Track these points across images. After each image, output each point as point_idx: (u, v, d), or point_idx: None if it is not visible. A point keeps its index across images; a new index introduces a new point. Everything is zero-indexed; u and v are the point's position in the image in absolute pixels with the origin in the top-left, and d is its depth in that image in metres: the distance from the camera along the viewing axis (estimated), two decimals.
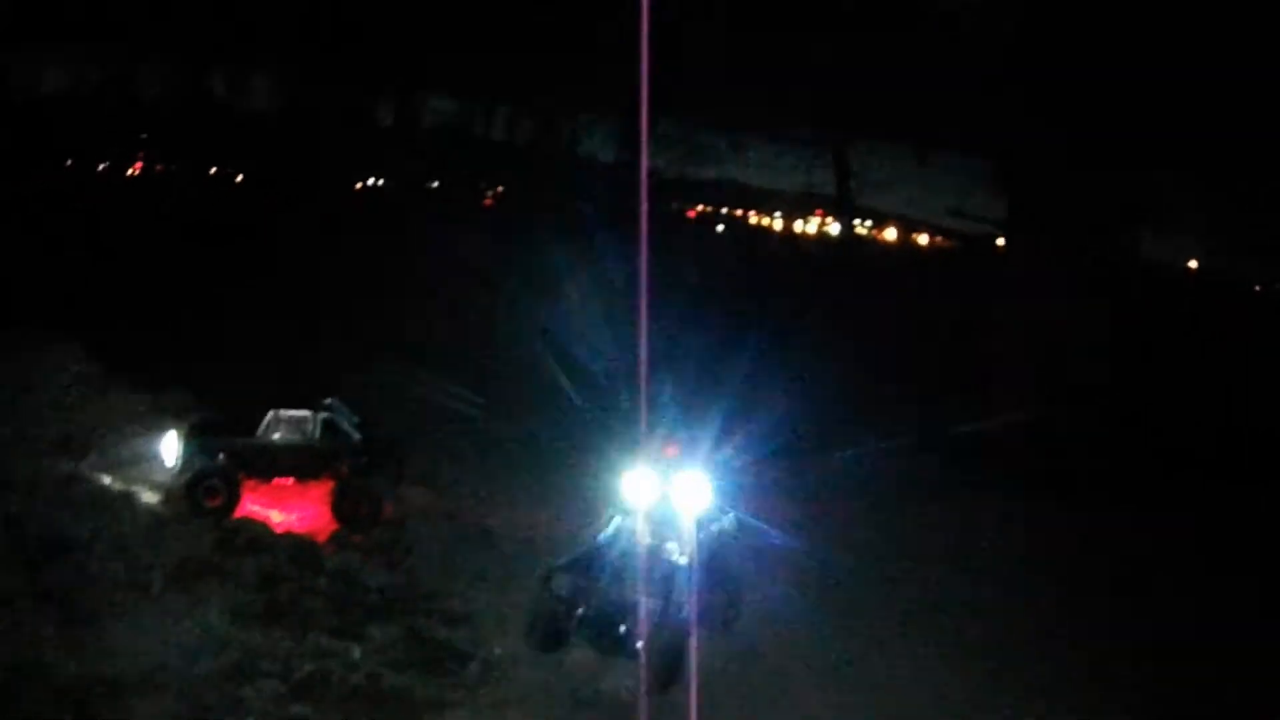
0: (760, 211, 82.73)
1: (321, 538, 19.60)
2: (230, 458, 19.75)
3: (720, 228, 76.64)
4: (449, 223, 51.96)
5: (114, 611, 15.64)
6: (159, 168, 70.42)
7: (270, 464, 20.17)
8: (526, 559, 19.30)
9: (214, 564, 17.26)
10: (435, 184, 72.99)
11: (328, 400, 20.93)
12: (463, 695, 15.58)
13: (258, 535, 18.51)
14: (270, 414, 20.27)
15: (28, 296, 28.15)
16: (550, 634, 16.52)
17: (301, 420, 20.44)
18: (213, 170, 68.47)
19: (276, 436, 20.29)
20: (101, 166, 66.84)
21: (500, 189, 71.99)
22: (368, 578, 18.27)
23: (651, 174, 59.42)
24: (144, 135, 70.75)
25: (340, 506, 20.28)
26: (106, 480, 19.25)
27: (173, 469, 19.64)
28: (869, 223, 71.22)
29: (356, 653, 15.80)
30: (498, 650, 16.95)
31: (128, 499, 18.52)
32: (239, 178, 67.45)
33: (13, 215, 38.08)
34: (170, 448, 19.68)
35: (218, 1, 57.66)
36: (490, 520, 21.44)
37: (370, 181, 70.83)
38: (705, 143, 57.98)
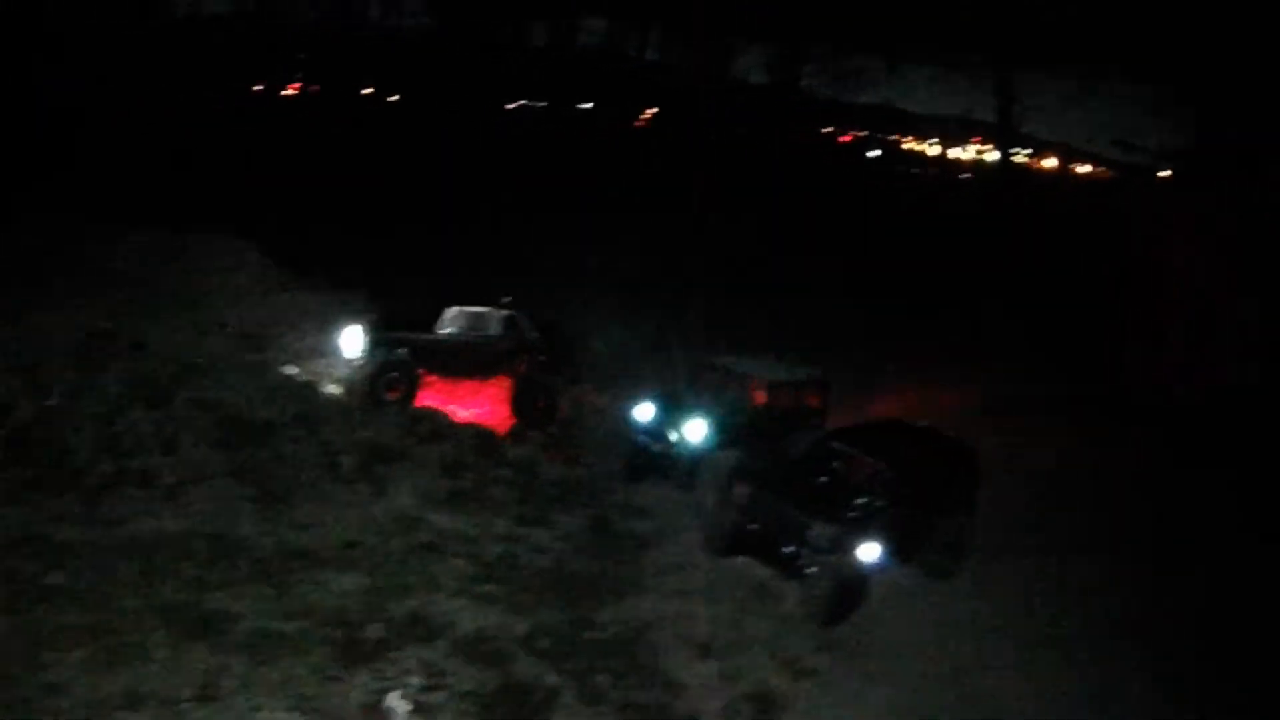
0: (916, 137, 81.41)
1: (499, 432, 20.17)
2: (411, 352, 20.37)
3: (874, 153, 75.60)
4: (601, 145, 52.18)
5: (307, 491, 16.41)
6: (314, 89, 71.87)
7: (449, 359, 20.76)
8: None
9: (401, 450, 17.97)
10: (589, 105, 73.08)
11: (506, 298, 21.39)
12: (648, 583, 15.99)
13: (441, 424, 19.18)
14: (450, 310, 20.82)
15: (209, 202, 29.18)
16: (726, 541, 16.79)
17: (481, 317, 20.96)
18: (367, 91, 69.57)
19: (456, 332, 20.85)
20: (258, 87, 68.63)
21: (653, 111, 71.86)
22: (546, 470, 18.81)
23: (805, 97, 58.87)
24: (301, 56, 72.49)
25: (518, 402, 20.84)
26: (292, 370, 20.09)
27: (353, 362, 20.34)
28: (1028, 150, 69.49)
29: (544, 538, 16.29)
30: (679, 543, 17.36)
31: (314, 387, 19.30)
32: (394, 98, 68.45)
33: (188, 129, 39.49)
34: (352, 341, 20.37)
35: None
36: None
37: (522, 103, 71.27)
38: (861, 66, 56.91)
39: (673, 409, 19.92)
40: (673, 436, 19.49)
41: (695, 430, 19.32)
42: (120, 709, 11.56)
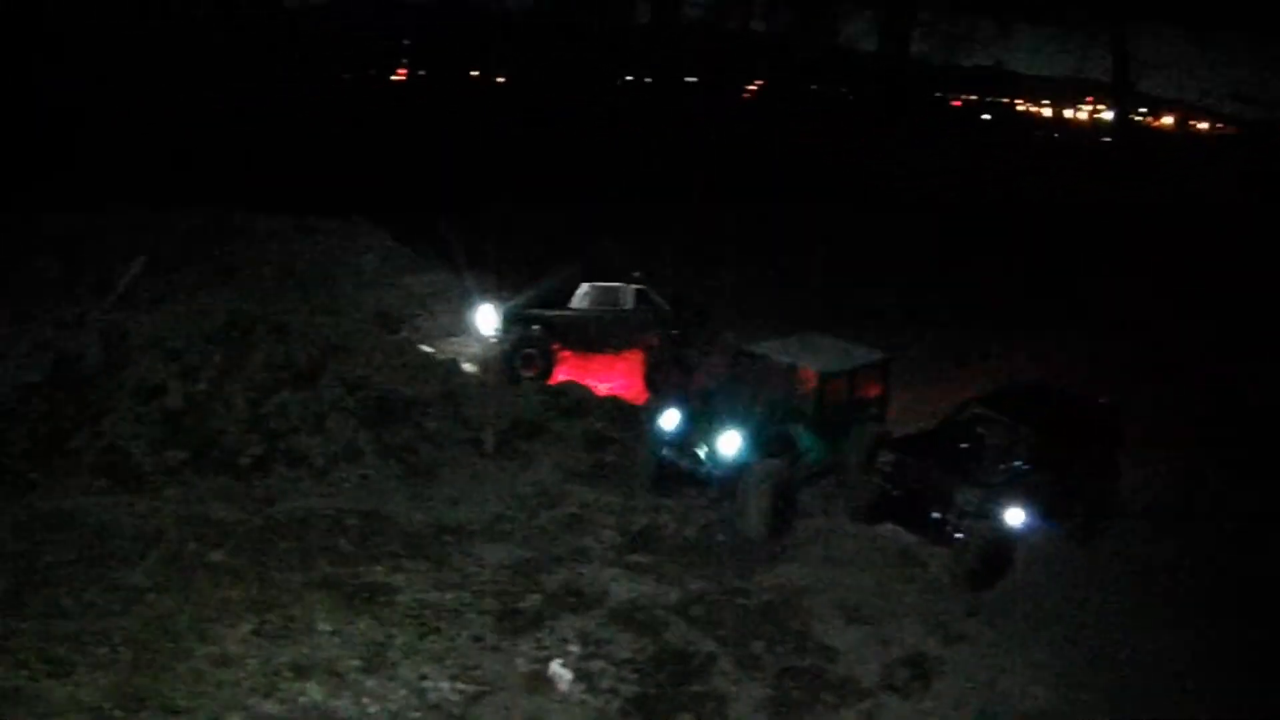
0: (1028, 99, 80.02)
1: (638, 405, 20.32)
2: (545, 328, 20.61)
3: (986, 116, 74.57)
4: (710, 117, 52.15)
5: (452, 467, 16.72)
6: (422, 73, 72.93)
7: (583, 335, 20.97)
8: None
9: (542, 425, 18.19)
10: (694, 79, 72.95)
11: (637, 273, 21.54)
12: (794, 552, 16.01)
13: (582, 399, 19.33)
14: (584, 286, 21.02)
15: (337, 188, 29.76)
16: (871, 509, 16.72)
17: (614, 292, 21.13)
18: (474, 73, 70.31)
19: (590, 308, 21.04)
20: (370, 72, 69.85)
21: (760, 82, 71.59)
22: None
23: (915, 62, 58.13)
24: (406, 41, 73.66)
25: (652, 376, 20.95)
26: (429, 349, 20.45)
27: (489, 340, 20.62)
28: (1143, 109, 67.91)
29: (687, 509, 16.40)
30: (824, 514, 17.35)
31: (454, 365, 19.60)
32: (500, 79, 69.09)
33: (311, 117, 40.37)
34: (487, 319, 20.65)
35: None
36: None
37: (630, 78, 71.40)
38: (971, 28, 56.06)
39: (703, 416, 17.20)
40: (702, 451, 16.86)
41: (729, 443, 16.57)
42: (291, 679, 11.91)
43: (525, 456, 17.36)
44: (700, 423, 17.00)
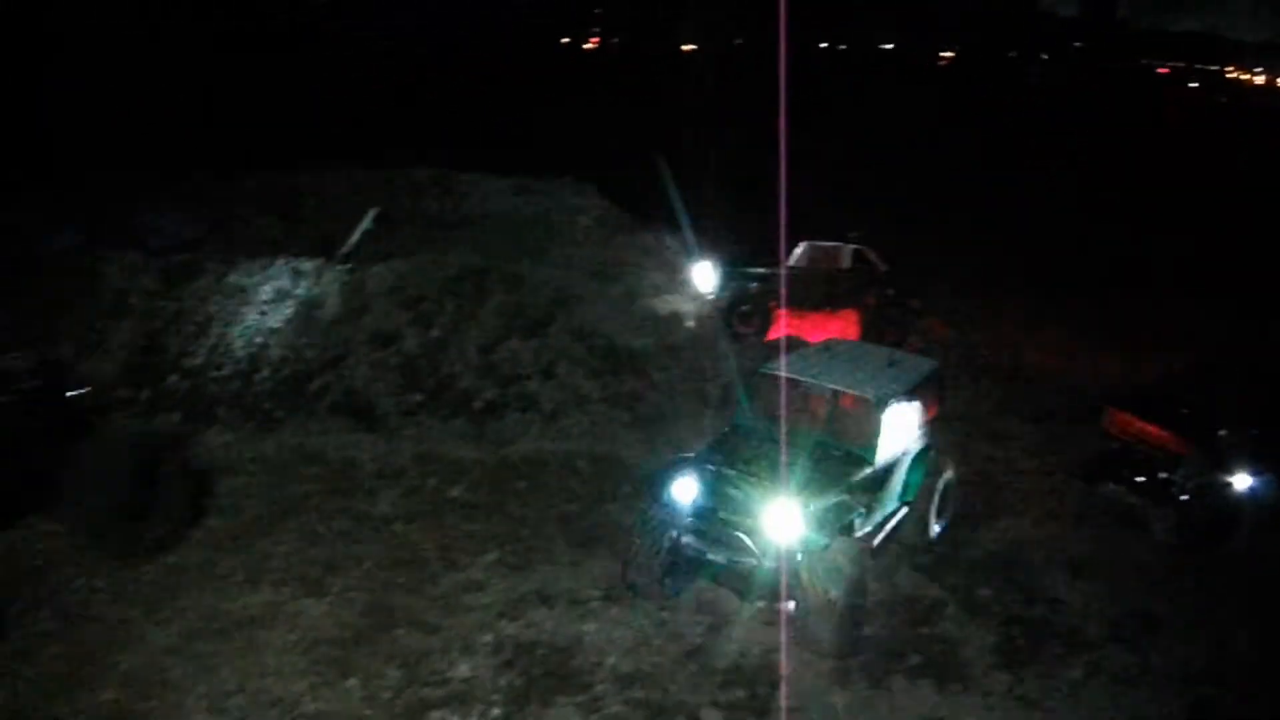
0: (1240, 66, 76.91)
1: None
2: (763, 285, 20.83)
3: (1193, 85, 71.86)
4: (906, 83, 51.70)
5: (676, 415, 17.08)
6: (614, 41, 74.22)
7: (800, 292, 21.11)
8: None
9: None
10: (890, 46, 72.41)
11: (854, 233, 21.60)
12: (1019, 506, 15.99)
13: None
14: (802, 245, 21.20)
15: (547, 147, 30.54)
16: (1092, 467, 16.53)
17: (832, 250, 21.25)
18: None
19: (807, 266, 21.20)
20: (564, 40, 71.39)
21: (954, 50, 70.62)
22: None
23: (1120, 26, 56.34)
24: (597, 10, 75.01)
25: (867, 334, 21.01)
26: (649, 303, 20.84)
27: (705, 296, 20.92)
28: None
29: None
30: (1053, 474, 17.25)
31: (676, 319, 19.96)
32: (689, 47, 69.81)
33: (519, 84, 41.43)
34: (704, 276, 20.96)
35: None
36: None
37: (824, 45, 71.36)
38: None
39: (735, 479, 12.21)
40: (742, 537, 11.75)
41: (785, 522, 11.56)
42: (535, 605, 12.46)
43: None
44: (734, 491, 12.14)
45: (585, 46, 73.98)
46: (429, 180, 26.09)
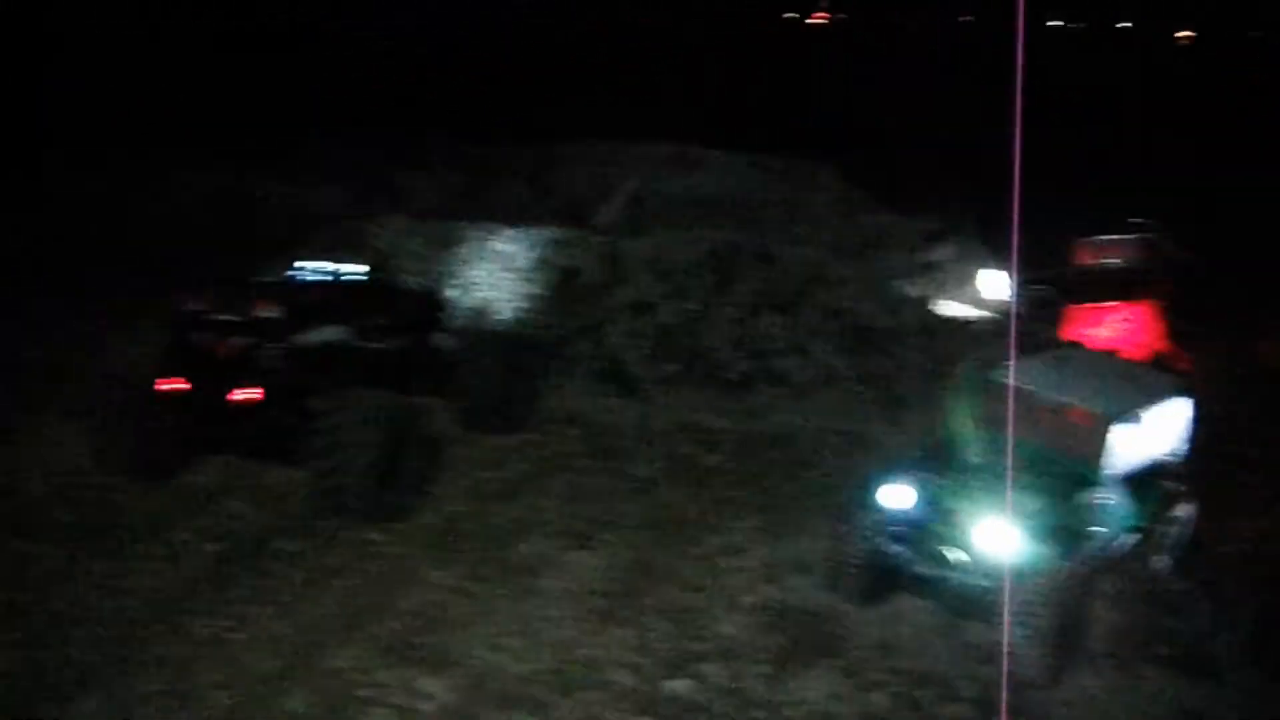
0: None
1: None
2: (1053, 286, 20.55)
3: None
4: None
5: (927, 398, 17.38)
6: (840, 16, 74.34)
7: (1093, 288, 20.60)
8: None
9: None
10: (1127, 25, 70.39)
11: (1140, 220, 21.25)
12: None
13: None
14: (1088, 241, 20.94)
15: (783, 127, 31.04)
16: None
17: (1120, 244, 20.97)
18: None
19: (1098, 263, 20.93)
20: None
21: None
22: None
23: None
24: None
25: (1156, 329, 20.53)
26: (898, 283, 21.06)
27: (989, 299, 20.76)
28: None
29: None
30: None
31: (925, 300, 20.22)
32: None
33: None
34: (993, 285, 20.80)
35: None
36: None
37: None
38: None
39: (951, 490, 11.99)
40: (951, 553, 11.70)
41: (995, 537, 11.37)
42: (794, 572, 13.04)
43: None
44: (949, 502, 11.92)
45: (810, 21, 74.11)
46: (671, 156, 26.89)
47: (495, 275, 20.18)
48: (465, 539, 13.77)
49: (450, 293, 19.53)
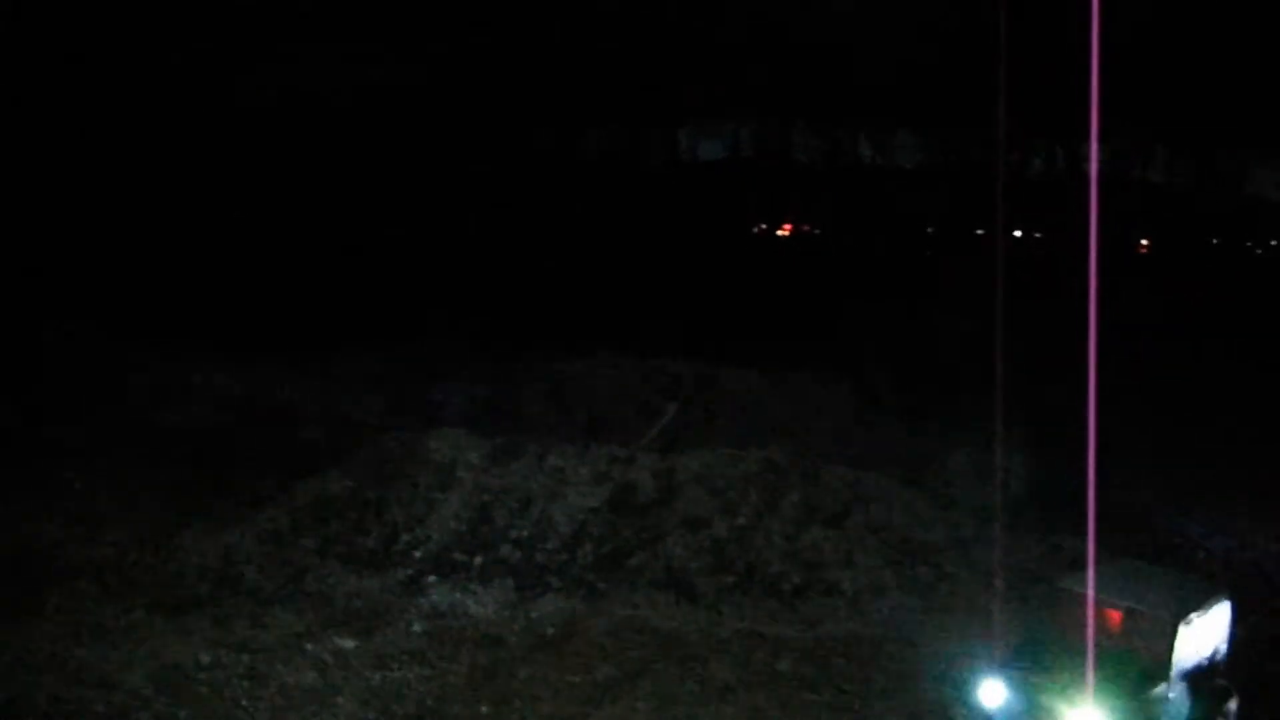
0: None
1: None
2: None
3: None
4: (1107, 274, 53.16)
5: (969, 606, 19.33)
6: (806, 228, 77.47)
7: None
8: None
9: None
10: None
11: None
12: None
13: None
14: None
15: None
16: None
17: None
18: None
19: None
20: (759, 228, 74.96)
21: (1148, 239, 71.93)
22: None
23: None
24: (793, 198, 78.58)
25: None
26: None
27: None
28: None
29: None
30: None
31: (965, 514, 22.18)
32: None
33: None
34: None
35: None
36: None
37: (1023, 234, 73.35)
38: None
39: (1039, 689, 12.96)
40: None
41: None
42: None
43: None
44: (1042, 698, 12.85)
45: (779, 233, 77.26)
46: (689, 375, 29.22)
47: (552, 490, 22.04)
48: None
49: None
